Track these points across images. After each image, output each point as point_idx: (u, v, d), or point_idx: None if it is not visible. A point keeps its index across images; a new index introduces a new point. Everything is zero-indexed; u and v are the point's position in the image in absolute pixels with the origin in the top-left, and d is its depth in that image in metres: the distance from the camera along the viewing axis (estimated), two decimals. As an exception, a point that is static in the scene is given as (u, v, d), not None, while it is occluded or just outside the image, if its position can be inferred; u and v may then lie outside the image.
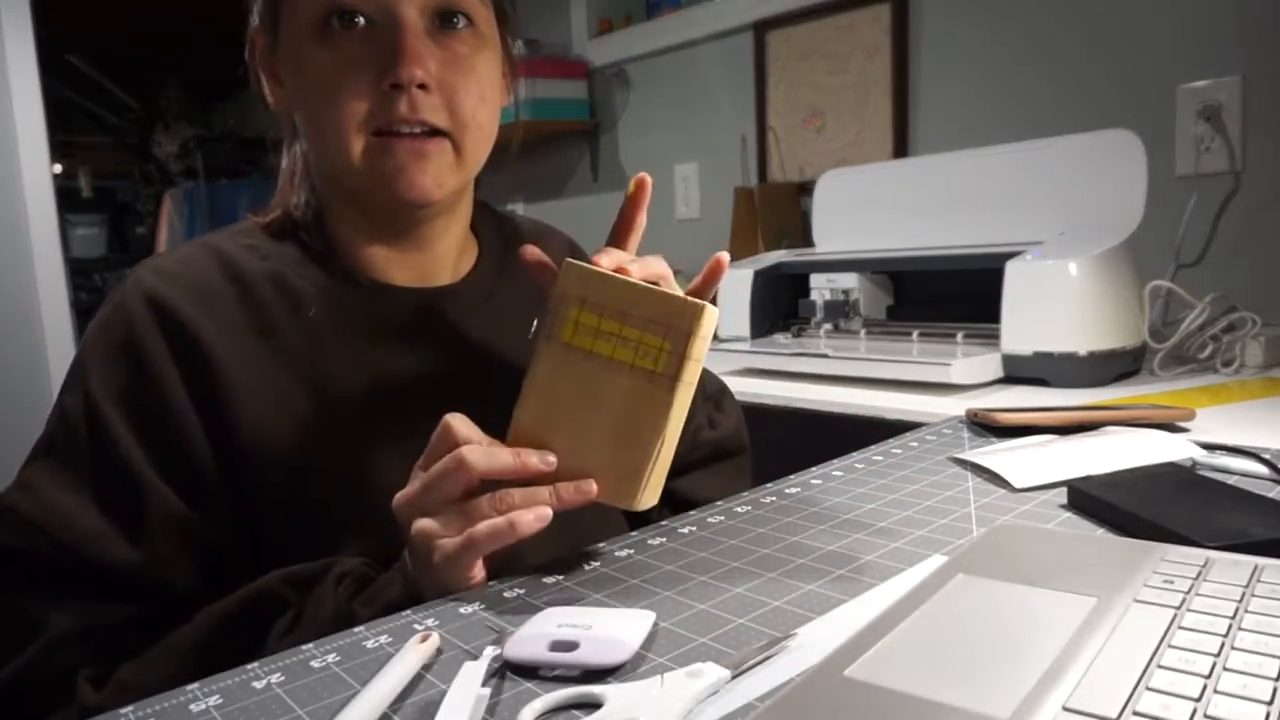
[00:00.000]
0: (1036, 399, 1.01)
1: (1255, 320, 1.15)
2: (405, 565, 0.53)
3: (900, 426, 0.93)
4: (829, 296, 1.39)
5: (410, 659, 0.42)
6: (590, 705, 0.38)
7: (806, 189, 1.92)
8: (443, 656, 0.44)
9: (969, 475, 0.70)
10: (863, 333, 1.34)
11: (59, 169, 3.27)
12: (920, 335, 1.26)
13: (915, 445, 0.81)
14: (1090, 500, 0.60)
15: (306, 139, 0.66)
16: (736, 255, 1.90)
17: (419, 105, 0.59)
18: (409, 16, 0.59)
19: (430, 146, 0.61)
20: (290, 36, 0.62)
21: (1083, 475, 0.65)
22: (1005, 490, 0.66)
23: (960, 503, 0.63)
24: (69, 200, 4.08)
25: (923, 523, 0.60)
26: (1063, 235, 1.16)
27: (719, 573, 0.52)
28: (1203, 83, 1.38)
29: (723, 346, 1.37)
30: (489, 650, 0.42)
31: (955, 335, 1.22)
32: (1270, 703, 0.32)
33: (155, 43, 3.94)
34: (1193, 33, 1.40)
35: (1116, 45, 1.48)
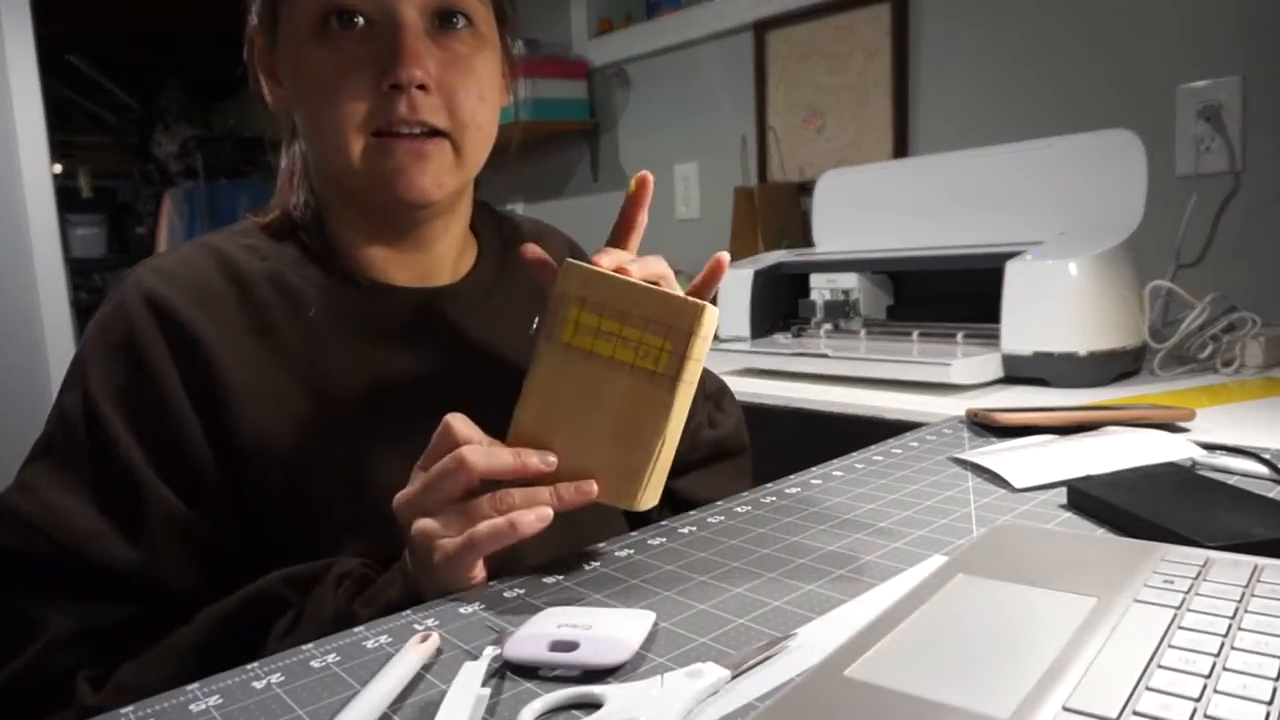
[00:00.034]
0: (1036, 399, 1.01)
1: (1255, 320, 1.15)
2: (405, 565, 0.53)
3: (900, 426, 0.93)
4: (829, 296, 1.39)
5: (410, 659, 0.42)
6: (590, 705, 0.38)
7: (806, 189, 1.92)
8: (443, 656, 0.44)
9: (969, 475, 0.70)
10: (863, 333, 1.34)
11: (59, 169, 3.27)
12: (920, 335, 1.26)
13: (915, 445, 0.81)
14: (1090, 500, 0.60)
15: (306, 139, 0.66)
16: (736, 255, 1.90)
17: (418, 106, 0.59)
18: (408, 16, 0.59)
19: (430, 147, 0.61)
20: (289, 36, 0.62)
21: (1083, 475, 0.65)
22: (1005, 490, 0.66)
23: (960, 503, 0.63)
24: (69, 200, 4.08)
25: (923, 523, 0.60)
26: (1063, 235, 1.16)
27: (719, 573, 0.52)
28: (1203, 83, 1.38)
29: (723, 346, 1.37)
30: (489, 650, 0.42)
31: (955, 335, 1.22)
32: (1270, 703, 0.32)
33: (155, 43, 3.94)
34: (1193, 33, 1.40)
35: (1116, 45, 1.48)
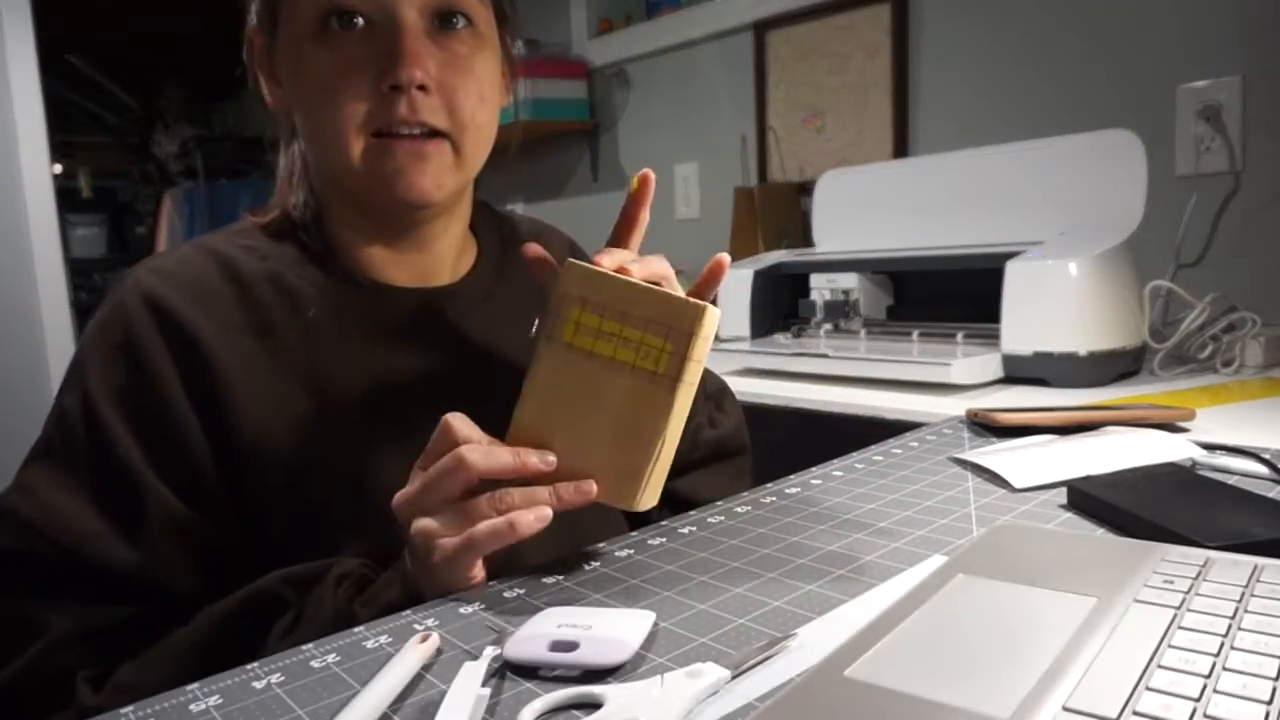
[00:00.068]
0: (1036, 399, 1.01)
1: (1255, 320, 1.15)
2: (405, 565, 0.53)
3: (900, 426, 0.93)
4: (829, 296, 1.39)
5: (410, 659, 0.42)
6: (590, 705, 0.38)
7: (806, 189, 1.92)
8: (443, 656, 0.44)
9: (969, 475, 0.70)
10: (863, 333, 1.34)
11: (59, 169, 3.27)
12: (920, 335, 1.26)
13: (915, 445, 0.81)
14: (1090, 500, 0.60)
15: (305, 139, 0.66)
16: (736, 255, 1.89)
17: (418, 107, 0.59)
18: (408, 17, 0.59)
19: (429, 148, 0.61)
20: (289, 36, 0.62)
21: (1083, 475, 0.65)
22: (1005, 490, 0.66)
23: (960, 503, 0.63)
24: (69, 200, 4.08)
25: (923, 523, 0.60)
26: (1063, 235, 1.16)
27: (719, 573, 0.52)
28: (1203, 83, 1.38)
29: (723, 346, 1.37)
30: (489, 650, 0.42)
31: (955, 335, 1.22)
32: (1270, 703, 0.32)
33: (155, 43, 3.94)
34: (1193, 33, 1.40)
35: (1116, 45, 1.48)
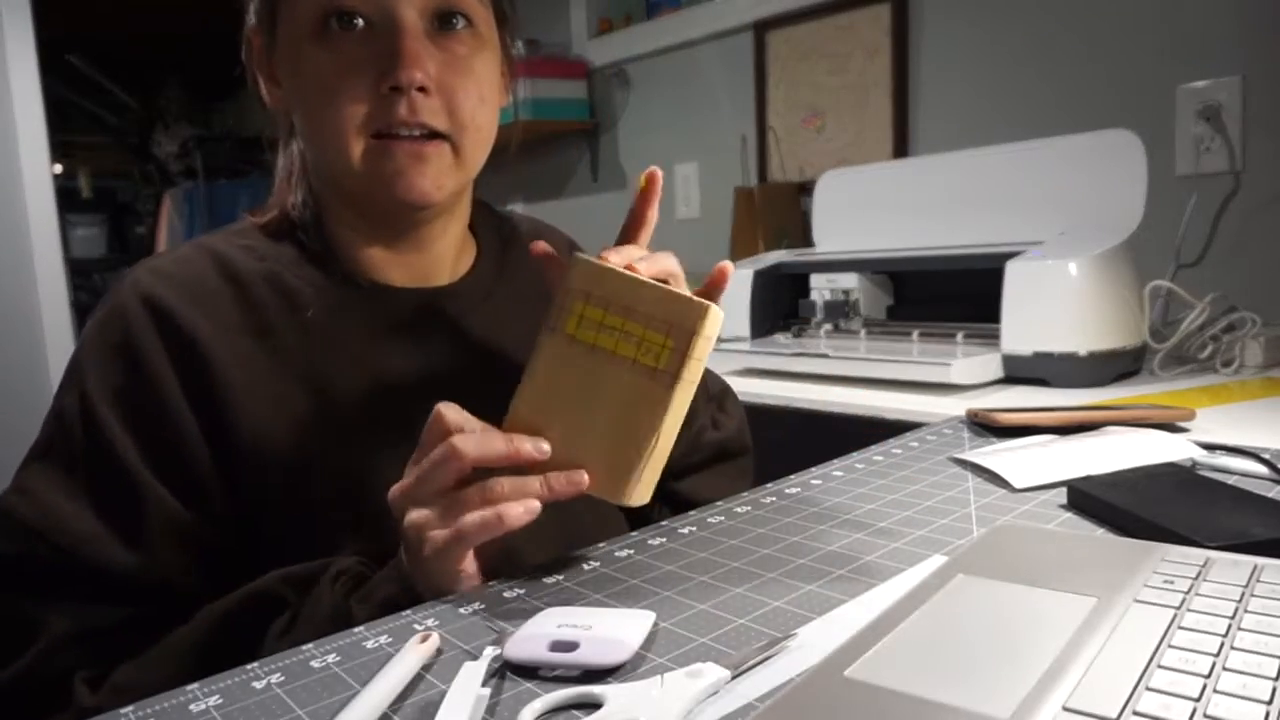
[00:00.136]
0: (1036, 399, 1.01)
1: (1255, 320, 1.15)
2: (401, 561, 0.52)
3: (900, 426, 0.93)
4: (829, 296, 1.39)
5: (410, 659, 0.42)
6: (590, 705, 0.38)
7: (806, 189, 1.92)
8: (443, 656, 0.44)
9: (969, 475, 0.70)
10: (863, 333, 1.34)
11: (59, 169, 3.27)
12: (920, 335, 1.26)
13: (915, 445, 0.81)
14: (1090, 500, 0.60)
15: (305, 140, 0.66)
16: (736, 255, 1.90)
17: (418, 108, 0.59)
18: (408, 18, 0.59)
19: (429, 149, 0.61)
20: (288, 37, 0.62)
21: (1083, 475, 0.65)
22: (1005, 490, 0.66)
23: (960, 503, 0.63)
24: (69, 200, 4.08)
25: (923, 523, 0.60)
26: (1063, 235, 1.16)
27: (719, 573, 0.52)
28: (1203, 83, 1.38)
29: (723, 346, 1.37)
30: (489, 650, 0.42)
31: (955, 335, 1.22)
32: (1270, 703, 0.32)
33: (155, 43, 3.94)
34: (1193, 33, 1.40)
35: (1116, 45, 1.48)
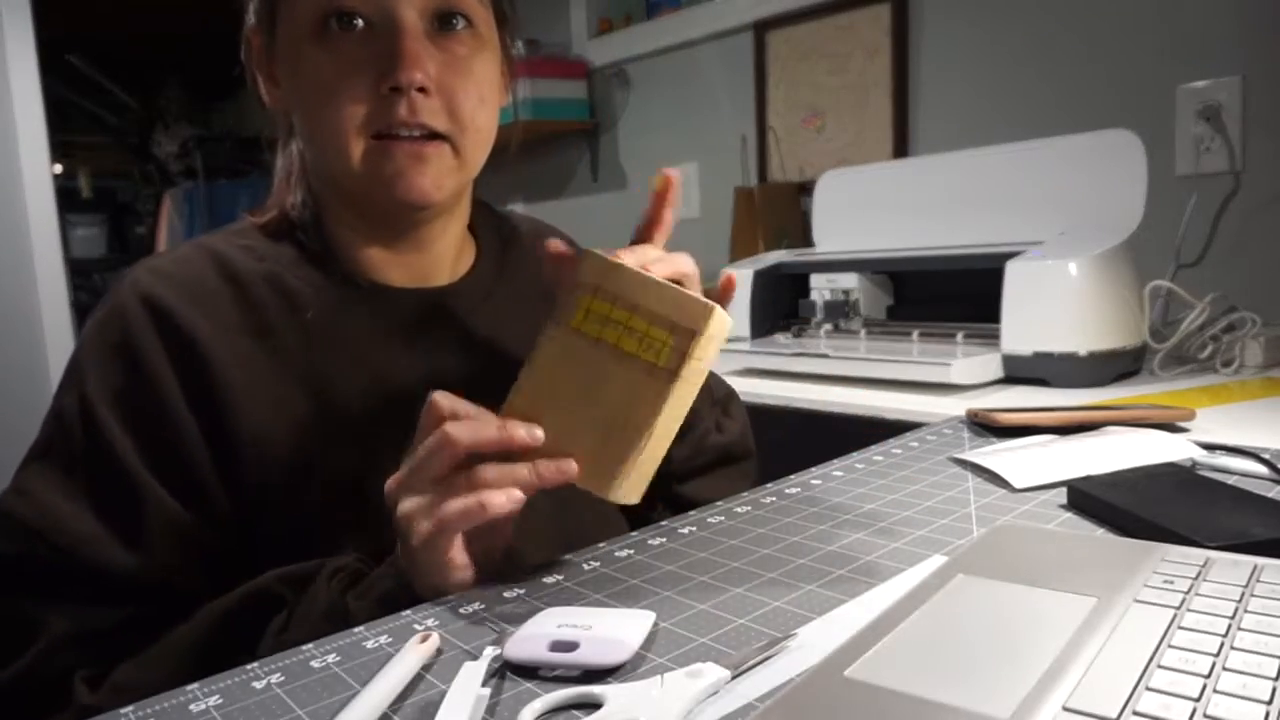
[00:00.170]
0: (1036, 399, 1.01)
1: (1255, 320, 1.15)
2: (398, 557, 0.52)
3: (900, 426, 0.93)
4: (829, 296, 1.39)
5: (410, 659, 0.42)
6: (590, 705, 0.38)
7: (806, 189, 1.92)
8: (443, 656, 0.44)
9: (969, 475, 0.70)
10: (863, 333, 1.34)
11: (59, 169, 3.27)
12: (920, 335, 1.26)
13: (915, 445, 0.81)
14: (1090, 500, 0.60)
15: (304, 140, 0.66)
16: (736, 255, 1.90)
17: (418, 108, 0.59)
18: (408, 19, 0.59)
19: (429, 149, 0.61)
20: (288, 37, 0.62)
21: (1083, 475, 0.65)
22: (1005, 490, 0.66)
23: (960, 503, 0.63)
24: (69, 200, 4.08)
25: (923, 523, 0.60)
26: (1063, 235, 1.16)
27: (719, 573, 0.52)
28: (1203, 83, 1.38)
29: (723, 346, 1.36)
30: (489, 650, 0.43)
31: (955, 335, 1.22)
32: (1270, 703, 0.32)
33: (155, 43, 3.94)
34: (1193, 33, 1.40)
35: (1116, 45, 1.48)
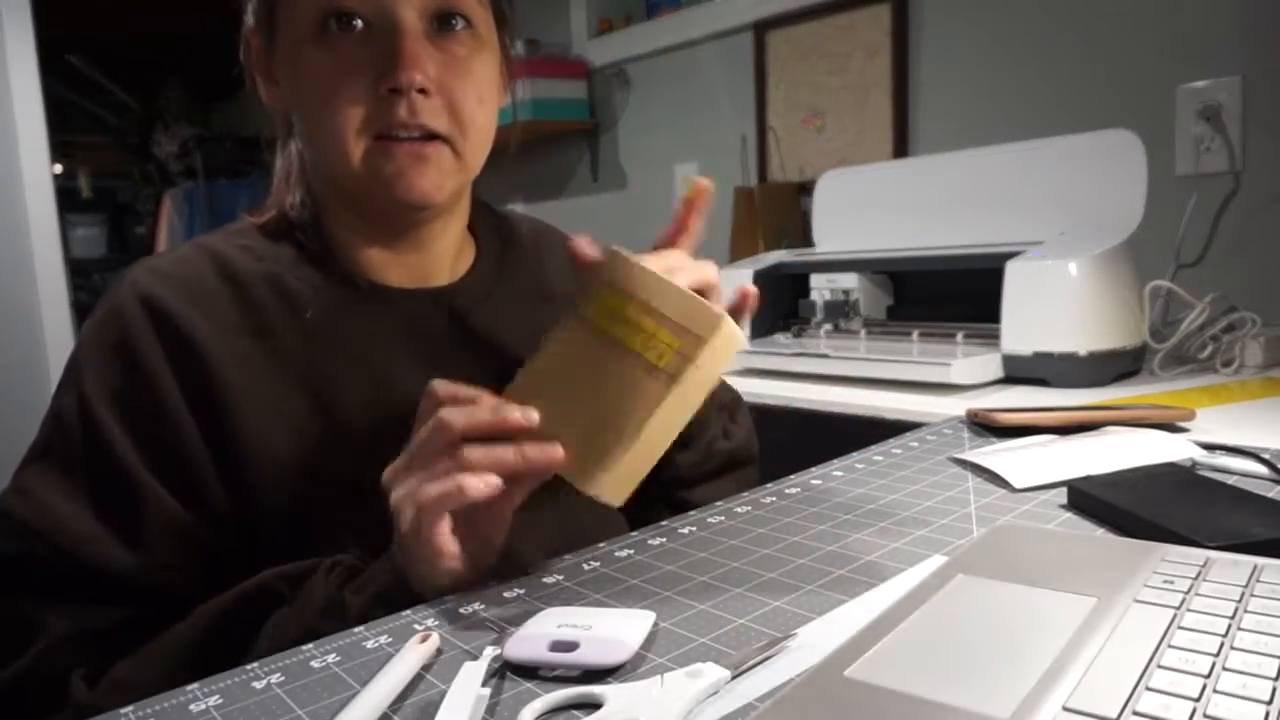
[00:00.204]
0: (1036, 399, 1.01)
1: (1255, 320, 1.15)
2: (394, 552, 0.52)
3: (900, 426, 0.93)
4: (829, 296, 1.39)
5: (410, 659, 0.42)
6: (590, 705, 0.38)
7: (806, 189, 1.92)
8: (443, 656, 0.44)
9: (969, 475, 0.70)
10: (863, 333, 1.34)
11: (59, 169, 3.27)
12: (920, 335, 1.26)
13: (915, 445, 0.81)
14: (1090, 500, 0.60)
15: (304, 141, 0.66)
16: (736, 255, 1.90)
17: (418, 110, 0.59)
18: (407, 20, 0.59)
19: (429, 150, 0.61)
20: (287, 38, 0.62)
21: (1083, 475, 0.65)
22: (1005, 490, 0.66)
23: (960, 503, 0.63)
24: (69, 200, 4.08)
25: (923, 523, 0.60)
26: (1063, 235, 1.16)
27: (719, 573, 0.52)
28: (1203, 83, 1.38)
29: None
30: (489, 650, 0.43)
31: (955, 335, 1.22)
32: (1270, 703, 0.32)
33: (155, 43, 3.94)
34: (1193, 33, 1.40)
35: (1116, 45, 1.48)
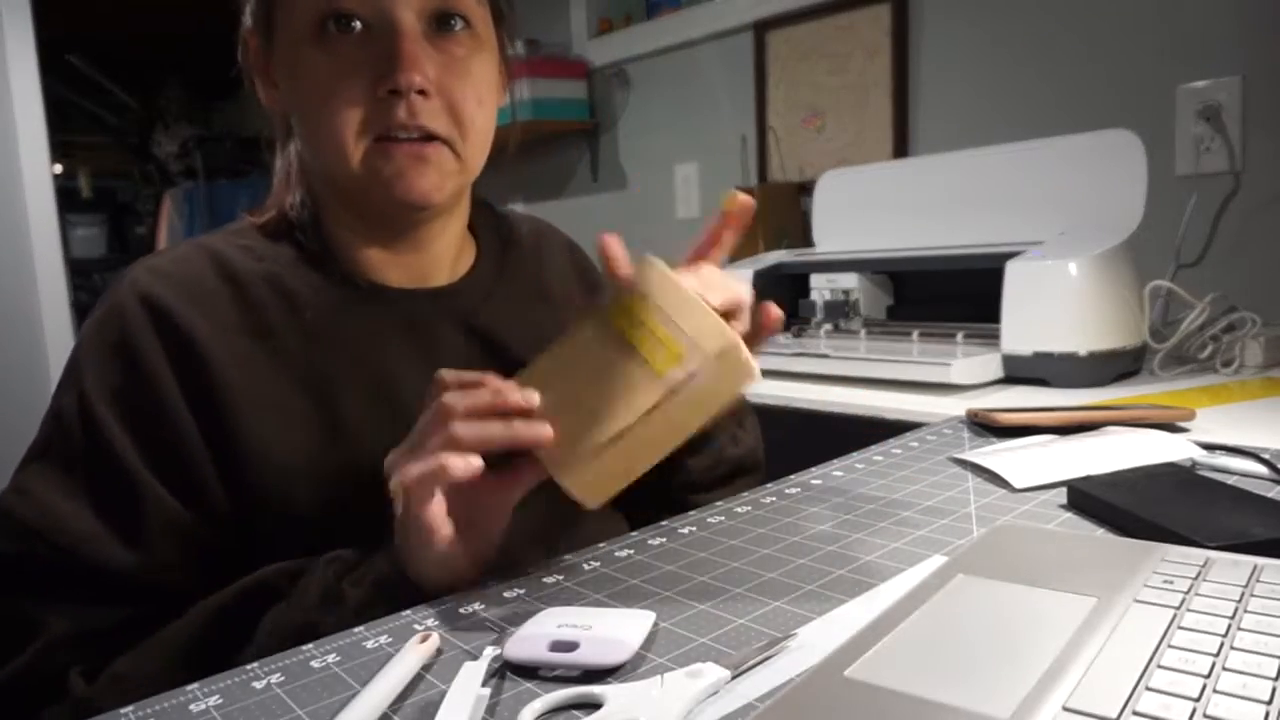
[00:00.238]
0: (1036, 399, 1.01)
1: (1255, 320, 1.15)
2: (394, 544, 0.52)
3: (900, 426, 0.93)
4: (829, 296, 1.39)
5: (410, 659, 0.42)
6: (590, 705, 0.38)
7: (806, 189, 1.92)
8: (443, 656, 0.44)
9: (969, 475, 0.70)
10: (863, 333, 1.34)
11: (59, 169, 3.27)
12: (920, 335, 1.26)
13: (915, 445, 0.81)
14: (1090, 500, 0.60)
15: (303, 141, 0.66)
16: (736, 255, 1.90)
17: (418, 111, 0.59)
18: (406, 21, 0.59)
19: (429, 151, 0.61)
20: (286, 39, 0.62)
21: (1083, 475, 0.65)
22: (1005, 490, 0.66)
23: (960, 503, 0.63)
24: (69, 200, 4.08)
25: (923, 523, 0.60)
26: (1063, 235, 1.16)
27: (719, 573, 0.52)
28: (1203, 83, 1.38)
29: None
30: (489, 650, 0.43)
31: (955, 335, 1.22)
32: (1270, 703, 0.32)
33: (155, 43, 3.93)
34: (1193, 33, 1.40)
35: (1116, 45, 1.48)
